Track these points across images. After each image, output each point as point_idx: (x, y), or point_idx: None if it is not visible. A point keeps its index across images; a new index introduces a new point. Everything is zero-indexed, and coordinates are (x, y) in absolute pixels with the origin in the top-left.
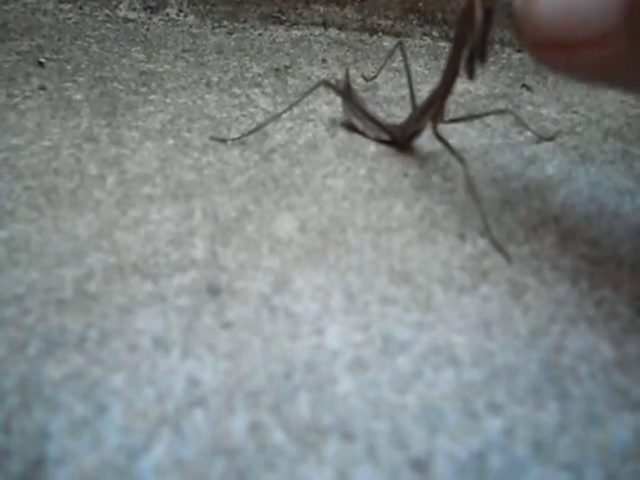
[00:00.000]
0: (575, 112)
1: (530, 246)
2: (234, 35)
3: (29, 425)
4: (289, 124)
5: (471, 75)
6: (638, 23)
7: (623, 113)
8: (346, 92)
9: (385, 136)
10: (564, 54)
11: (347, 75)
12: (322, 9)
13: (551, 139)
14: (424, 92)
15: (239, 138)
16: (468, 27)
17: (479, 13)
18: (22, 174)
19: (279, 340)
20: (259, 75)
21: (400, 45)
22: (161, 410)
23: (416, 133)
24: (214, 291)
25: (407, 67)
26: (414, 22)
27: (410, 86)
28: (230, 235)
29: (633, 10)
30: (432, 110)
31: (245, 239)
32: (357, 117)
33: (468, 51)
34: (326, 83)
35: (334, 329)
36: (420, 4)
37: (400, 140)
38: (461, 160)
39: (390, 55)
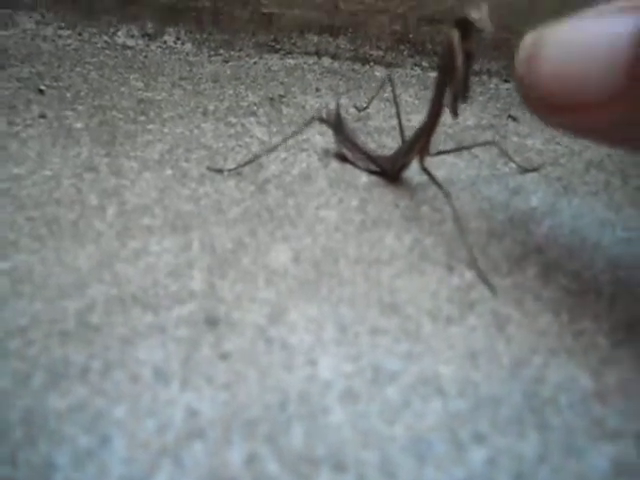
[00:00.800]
0: (558, 143)
1: (514, 278)
2: (230, 63)
3: (35, 457)
4: (283, 154)
5: (455, 113)
6: (638, 88)
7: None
8: (337, 124)
9: (375, 167)
10: (568, 116)
11: (338, 107)
12: (316, 39)
13: (535, 170)
14: (414, 122)
15: (235, 169)
16: (449, 69)
17: (459, 56)
18: (24, 204)
19: (274, 371)
20: (254, 104)
21: (389, 78)
22: (162, 441)
23: (404, 165)
24: (212, 322)
25: (396, 100)
26: (405, 52)
27: (399, 119)
28: (227, 267)
29: (633, 76)
30: (419, 145)
31: (241, 271)
32: (348, 148)
33: (450, 91)
34: (319, 119)
35: (326, 360)
36: (410, 35)
37: (390, 172)
38: (446, 194)
39: (380, 87)
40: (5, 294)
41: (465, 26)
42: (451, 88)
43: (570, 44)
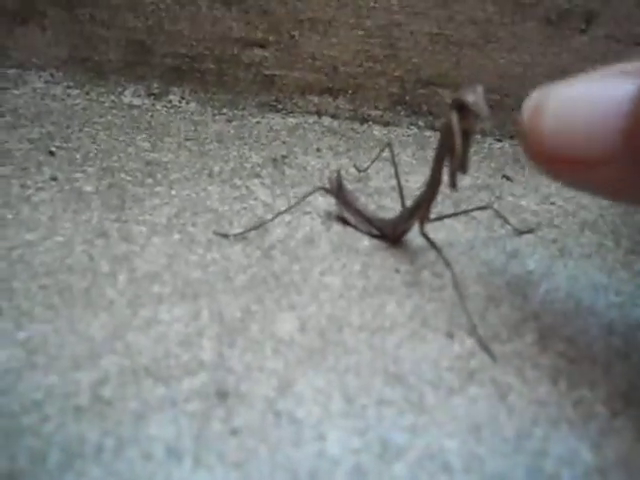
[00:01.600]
0: (553, 203)
1: (513, 345)
2: (233, 122)
3: None
4: (287, 217)
5: (453, 186)
6: (637, 147)
7: (597, 204)
8: (338, 191)
9: (376, 232)
10: (569, 170)
11: (339, 175)
12: (316, 99)
13: (530, 232)
14: (412, 182)
15: (241, 234)
16: (448, 148)
17: (458, 137)
18: (37, 272)
19: (284, 447)
20: (258, 165)
21: (389, 146)
22: None
23: (405, 231)
24: (222, 395)
25: (395, 166)
26: (401, 113)
27: (399, 186)
28: (236, 336)
29: (631, 137)
30: (419, 213)
31: (250, 340)
32: (350, 213)
33: (450, 167)
34: (322, 189)
35: (334, 434)
36: (407, 97)
37: (391, 236)
38: (447, 264)
39: (381, 152)
40: (20, 366)
41: (462, 107)
42: (450, 164)
43: (574, 102)
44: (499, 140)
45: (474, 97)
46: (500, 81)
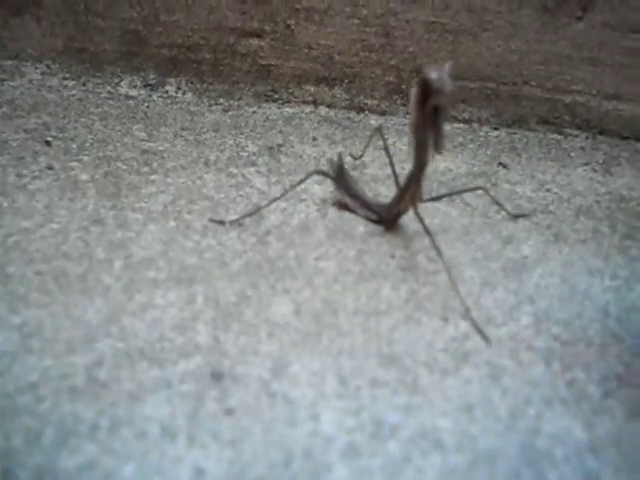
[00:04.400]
0: (548, 190)
1: (507, 328)
2: (230, 112)
3: None
4: (283, 204)
5: (438, 151)
6: None
7: (593, 191)
8: (338, 175)
9: (373, 216)
10: None
11: (340, 158)
12: (312, 89)
13: (525, 216)
14: (407, 171)
15: (236, 220)
16: (418, 121)
17: (413, 110)
18: (33, 258)
19: (278, 426)
20: (254, 154)
21: (379, 130)
22: None
23: (400, 213)
24: (217, 377)
25: (387, 150)
26: (397, 102)
27: (392, 167)
28: (231, 320)
29: None
30: (410, 192)
31: (245, 323)
32: (348, 197)
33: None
34: (319, 172)
35: (328, 414)
36: (403, 86)
37: (386, 219)
38: (438, 252)
39: (371, 138)
40: (15, 349)
41: (426, 85)
42: (423, 136)
43: None
44: (495, 128)
45: (437, 74)
46: (496, 69)
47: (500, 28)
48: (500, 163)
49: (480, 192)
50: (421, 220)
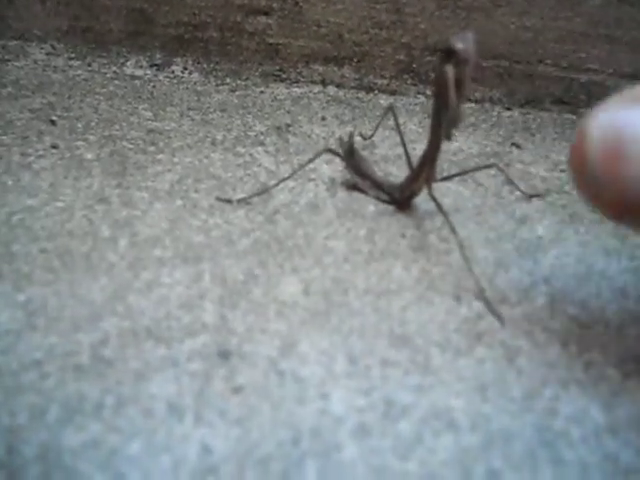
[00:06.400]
0: (562, 171)
1: (522, 308)
2: (237, 92)
3: None
4: (291, 184)
5: (448, 138)
6: None
7: None
8: (349, 154)
9: (384, 196)
10: None
11: (351, 137)
12: (321, 68)
13: (539, 196)
14: (419, 150)
15: (244, 199)
16: (442, 100)
17: (451, 84)
18: (38, 236)
19: (287, 405)
20: (262, 133)
21: (391, 108)
22: (176, 479)
23: (413, 194)
24: (224, 355)
25: (399, 130)
26: (408, 81)
27: (404, 148)
28: (238, 298)
29: None
30: (424, 173)
31: (252, 302)
32: (359, 177)
33: (444, 118)
34: (329, 150)
35: (338, 393)
36: (414, 65)
37: (399, 200)
38: (453, 231)
39: (383, 116)
40: (20, 327)
41: (451, 55)
42: (444, 115)
43: None
44: (508, 108)
45: (463, 44)
46: (510, 47)
47: (514, 4)
48: (513, 143)
49: (493, 172)
50: (435, 200)
